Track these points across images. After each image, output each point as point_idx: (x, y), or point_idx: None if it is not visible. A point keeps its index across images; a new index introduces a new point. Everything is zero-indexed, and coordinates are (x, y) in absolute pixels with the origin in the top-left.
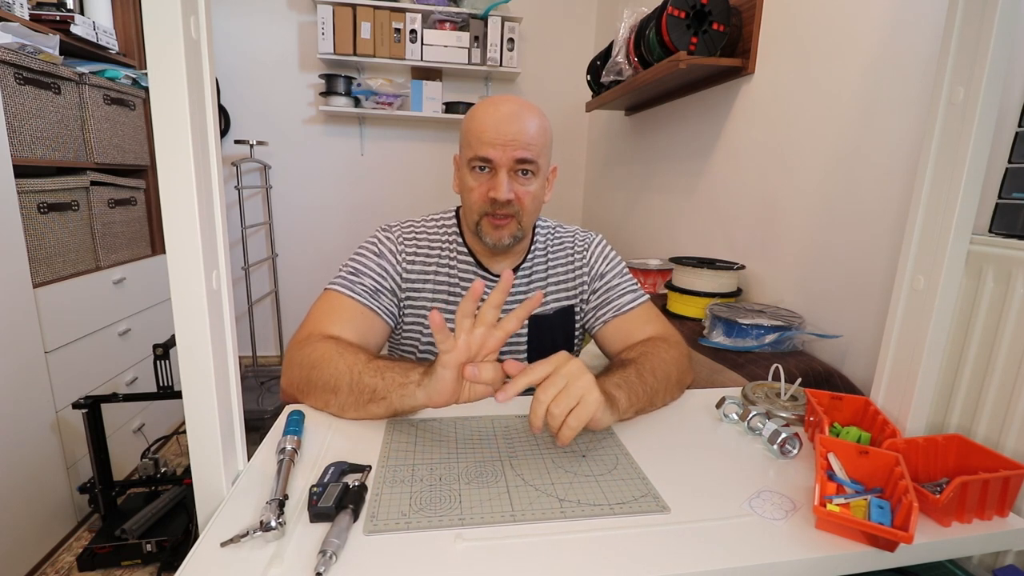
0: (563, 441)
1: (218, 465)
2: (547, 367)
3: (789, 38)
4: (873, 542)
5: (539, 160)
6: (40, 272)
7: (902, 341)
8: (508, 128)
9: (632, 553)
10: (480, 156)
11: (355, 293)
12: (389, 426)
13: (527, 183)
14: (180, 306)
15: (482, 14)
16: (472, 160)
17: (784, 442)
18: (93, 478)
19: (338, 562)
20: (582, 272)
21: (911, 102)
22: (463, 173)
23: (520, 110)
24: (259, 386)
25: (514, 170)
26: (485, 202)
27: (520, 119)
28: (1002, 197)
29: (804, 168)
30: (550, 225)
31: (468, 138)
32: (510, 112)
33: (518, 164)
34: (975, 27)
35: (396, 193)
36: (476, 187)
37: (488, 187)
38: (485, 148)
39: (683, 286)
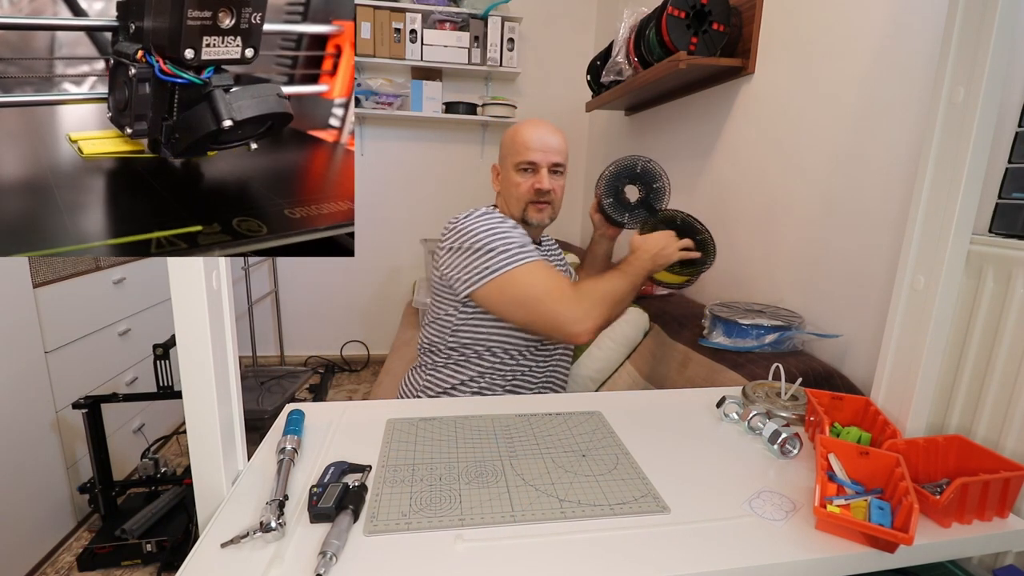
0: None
1: (218, 465)
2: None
3: (789, 38)
4: (873, 543)
5: (565, 163)
6: (40, 272)
7: (902, 341)
8: (546, 141)
9: (632, 553)
10: (528, 160)
11: (536, 257)
12: (389, 426)
13: (558, 179)
14: (180, 306)
15: (482, 14)
16: (520, 163)
17: (784, 442)
18: (93, 478)
19: (338, 563)
20: (560, 257)
21: (911, 102)
22: (508, 175)
23: (552, 128)
24: (259, 386)
25: (551, 170)
26: (531, 193)
27: (554, 135)
28: (1002, 197)
29: (804, 168)
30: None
31: (516, 147)
32: (546, 130)
33: (554, 166)
34: (975, 27)
35: (396, 193)
36: (523, 182)
37: (533, 182)
38: (532, 154)
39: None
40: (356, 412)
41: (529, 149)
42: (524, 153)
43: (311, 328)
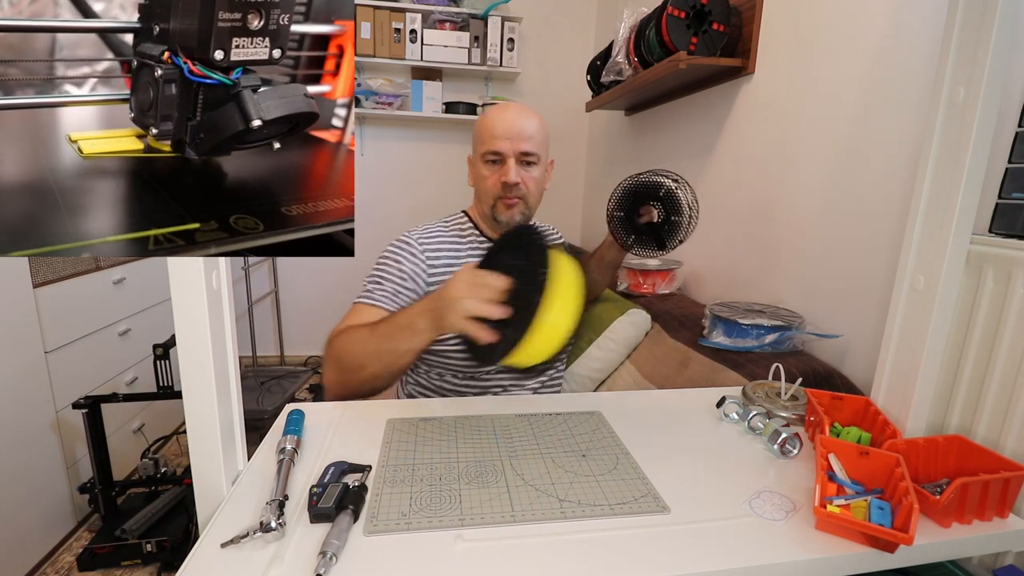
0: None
1: (218, 465)
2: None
3: (789, 38)
4: (873, 543)
5: (539, 151)
6: (40, 272)
7: (902, 341)
8: (513, 126)
9: (632, 553)
10: (492, 150)
11: (376, 300)
12: (389, 426)
13: (530, 170)
14: (180, 306)
15: (482, 14)
16: (485, 154)
17: (784, 442)
18: (93, 478)
19: (338, 563)
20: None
21: (911, 102)
22: (477, 167)
23: (522, 111)
24: (259, 386)
25: (520, 160)
26: (498, 187)
27: (522, 119)
28: (1002, 197)
29: (804, 168)
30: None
31: (481, 136)
32: (514, 114)
33: (523, 155)
34: (975, 27)
35: (396, 193)
36: (489, 176)
37: (499, 175)
38: (496, 143)
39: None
40: (356, 412)
41: (494, 137)
42: (488, 142)
43: (311, 328)
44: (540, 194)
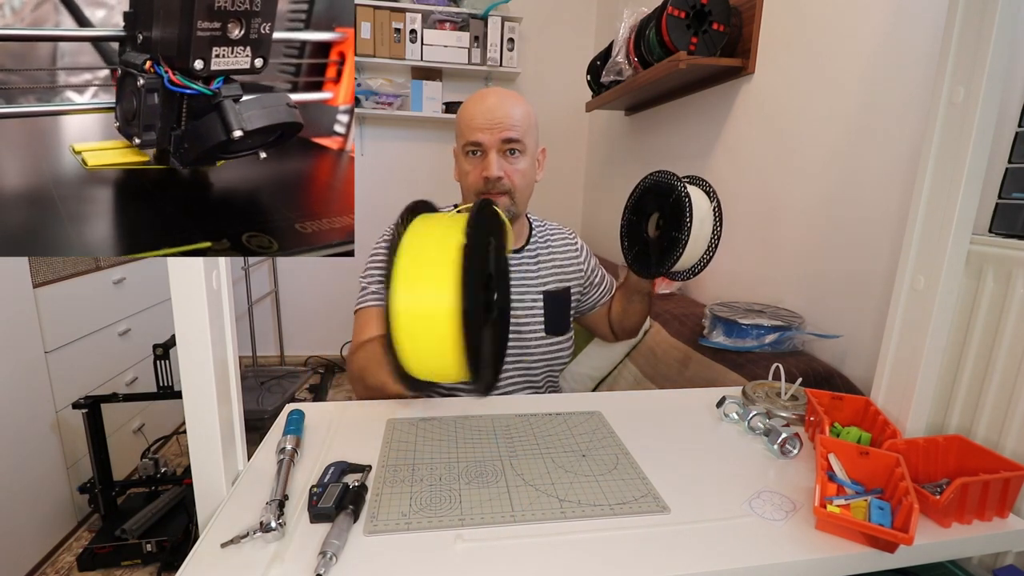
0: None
1: (218, 465)
2: None
3: (789, 38)
4: (873, 543)
5: (524, 140)
6: (40, 272)
7: (902, 341)
8: (494, 114)
9: (632, 553)
10: (471, 141)
11: (374, 302)
12: (389, 426)
13: (515, 161)
14: (180, 306)
15: (482, 14)
16: (465, 146)
17: (784, 442)
18: (93, 478)
19: (338, 563)
20: (579, 262)
21: (911, 102)
22: (459, 161)
23: (503, 97)
24: (259, 386)
25: (502, 151)
26: (480, 183)
27: (503, 105)
28: (1002, 197)
29: (804, 168)
30: (537, 217)
31: (460, 128)
32: (495, 100)
33: (505, 144)
34: (975, 27)
35: (396, 193)
36: (471, 170)
37: (481, 168)
38: (475, 133)
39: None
40: (356, 412)
41: (472, 127)
42: (467, 133)
43: (311, 328)
44: (529, 187)
